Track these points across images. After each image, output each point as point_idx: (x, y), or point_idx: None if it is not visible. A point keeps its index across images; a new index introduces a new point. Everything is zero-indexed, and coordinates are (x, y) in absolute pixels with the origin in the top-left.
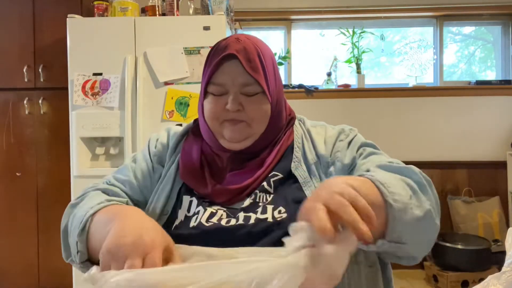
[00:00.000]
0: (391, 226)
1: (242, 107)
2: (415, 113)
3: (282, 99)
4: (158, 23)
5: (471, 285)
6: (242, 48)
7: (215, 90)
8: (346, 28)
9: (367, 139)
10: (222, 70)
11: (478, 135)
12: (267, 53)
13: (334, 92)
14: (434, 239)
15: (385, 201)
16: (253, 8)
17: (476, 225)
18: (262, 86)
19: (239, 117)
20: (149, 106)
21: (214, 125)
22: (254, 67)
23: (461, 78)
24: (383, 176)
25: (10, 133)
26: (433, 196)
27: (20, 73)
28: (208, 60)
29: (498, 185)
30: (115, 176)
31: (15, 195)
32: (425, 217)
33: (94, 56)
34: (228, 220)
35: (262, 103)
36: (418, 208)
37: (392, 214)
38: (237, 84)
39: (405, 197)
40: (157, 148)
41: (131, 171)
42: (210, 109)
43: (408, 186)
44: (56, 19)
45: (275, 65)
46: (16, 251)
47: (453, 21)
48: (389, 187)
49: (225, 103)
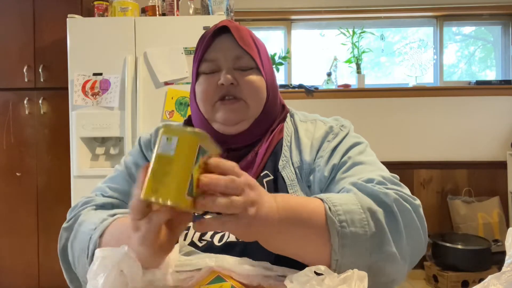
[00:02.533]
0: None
1: (237, 82)
2: (415, 113)
3: (276, 87)
4: (158, 23)
5: (471, 285)
6: (234, 25)
7: (207, 68)
8: (346, 28)
9: (365, 138)
10: (214, 46)
11: (478, 135)
12: (261, 42)
13: (334, 92)
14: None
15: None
16: (253, 8)
17: (476, 225)
18: (256, 61)
19: (233, 92)
20: (149, 106)
21: (207, 108)
22: (247, 43)
23: (461, 78)
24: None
25: (10, 133)
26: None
27: (20, 73)
28: (199, 43)
29: (498, 185)
30: (110, 186)
31: (15, 195)
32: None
33: (94, 56)
34: (221, 236)
35: (257, 79)
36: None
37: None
38: (229, 59)
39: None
40: (150, 149)
41: (126, 178)
42: (203, 90)
43: (371, 222)
44: (56, 19)
45: (268, 56)
46: (16, 251)
47: (453, 21)
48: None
49: (218, 80)
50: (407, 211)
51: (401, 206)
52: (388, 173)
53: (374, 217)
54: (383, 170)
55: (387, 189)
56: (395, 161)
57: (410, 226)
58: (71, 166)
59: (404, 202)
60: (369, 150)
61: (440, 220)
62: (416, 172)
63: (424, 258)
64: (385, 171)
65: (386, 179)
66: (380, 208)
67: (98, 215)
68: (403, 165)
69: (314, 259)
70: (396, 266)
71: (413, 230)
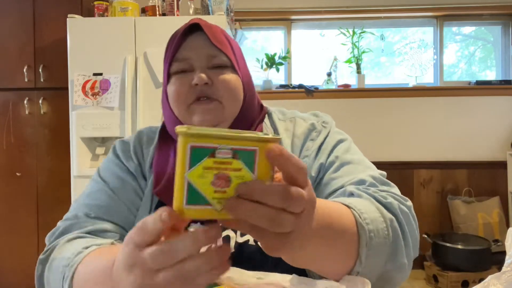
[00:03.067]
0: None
1: (211, 82)
2: (415, 113)
3: (253, 86)
4: (158, 23)
5: (471, 285)
6: (205, 23)
7: (179, 67)
8: (346, 28)
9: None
10: (185, 45)
11: (478, 135)
12: (233, 40)
13: (334, 92)
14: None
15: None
16: (253, 8)
17: (476, 225)
18: (231, 59)
19: (208, 93)
20: (149, 106)
21: (180, 110)
22: (220, 41)
23: (461, 78)
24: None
25: (10, 133)
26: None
27: (20, 73)
28: (169, 43)
29: (498, 185)
30: (91, 204)
31: (15, 195)
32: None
33: (94, 56)
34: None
35: (233, 78)
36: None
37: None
38: (203, 57)
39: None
40: (131, 158)
41: (108, 193)
42: (175, 90)
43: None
44: (56, 19)
45: (242, 53)
46: (16, 251)
47: (453, 21)
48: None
49: (191, 79)
50: (406, 215)
51: (403, 212)
52: (376, 171)
53: (392, 226)
54: (371, 169)
55: (380, 191)
56: (395, 161)
57: (411, 231)
58: (71, 166)
59: (403, 207)
60: (353, 146)
61: (440, 220)
62: (416, 172)
63: (424, 258)
64: (373, 170)
65: (376, 180)
66: (392, 216)
67: (74, 246)
68: (403, 165)
69: (335, 270)
70: (405, 274)
71: (413, 233)
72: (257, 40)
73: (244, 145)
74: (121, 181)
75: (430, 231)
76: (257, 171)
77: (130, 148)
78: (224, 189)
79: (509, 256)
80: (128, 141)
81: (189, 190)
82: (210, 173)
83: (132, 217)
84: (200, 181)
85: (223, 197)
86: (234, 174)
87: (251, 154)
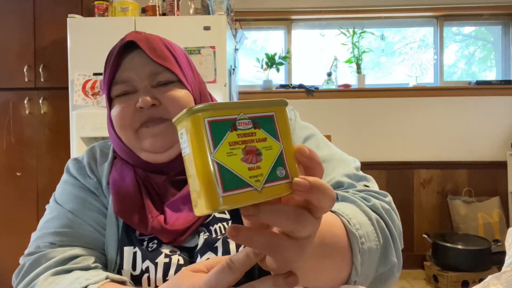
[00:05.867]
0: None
1: (159, 102)
2: (415, 113)
3: (207, 95)
4: (159, 23)
5: (471, 285)
6: (142, 37)
7: (120, 90)
8: (346, 28)
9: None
10: (124, 65)
11: (478, 135)
12: (177, 47)
13: (334, 92)
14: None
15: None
16: (253, 8)
17: (476, 225)
18: (176, 74)
19: (157, 114)
20: None
21: (128, 136)
22: (161, 55)
23: (461, 78)
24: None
25: (10, 133)
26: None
27: (20, 73)
28: (106, 64)
29: (498, 185)
30: (55, 232)
31: (15, 195)
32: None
33: (94, 56)
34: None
35: (181, 94)
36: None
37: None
38: (144, 77)
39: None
40: (88, 175)
41: (69, 218)
42: (118, 115)
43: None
44: (56, 19)
45: (190, 60)
46: (16, 251)
47: (453, 21)
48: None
49: (136, 101)
50: (389, 212)
51: (385, 209)
52: (350, 166)
53: (380, 228)
54: (345, 163)
55: (359, 191)
56: (395, 161)
57: (396, 226)
58: None
59: (384, 204)
60: (321, 139)
61: (440, 220)
62: (416, 172)
63: (424, 258)
64: (346, 165)
65: (352, 178)
66: (378, 216)
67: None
68: (403, 165)
69: (330, 283)
70: (397, 274)
71: (397, 228)
72: (257, 40)
73: (261, 112)
74: (81, 200)
75: (430, 231)
76: (281, 139)
77: (84, 165)
78: (257, 164)
79: (509, 256)
80: (81, 159)
81: (221, 173)
82: (237, 149)
83: (100, 236)
84: (230, 160)
85: (260, 174)
86: (261, 145)
87: (270, 120)
